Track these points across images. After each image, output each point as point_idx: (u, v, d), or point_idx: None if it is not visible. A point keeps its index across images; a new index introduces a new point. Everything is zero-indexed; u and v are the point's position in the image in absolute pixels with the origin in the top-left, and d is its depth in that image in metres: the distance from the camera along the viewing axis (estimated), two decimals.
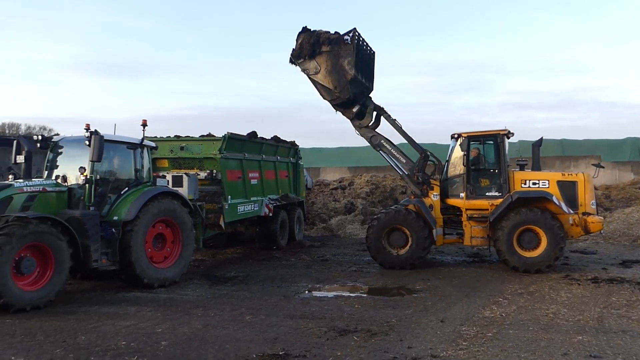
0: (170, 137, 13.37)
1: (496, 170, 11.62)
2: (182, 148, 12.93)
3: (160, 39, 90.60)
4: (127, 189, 9.81)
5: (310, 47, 11.79)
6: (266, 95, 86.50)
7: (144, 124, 10.30)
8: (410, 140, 12.55)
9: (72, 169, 9.34)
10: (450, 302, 8.63)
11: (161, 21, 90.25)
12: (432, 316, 7.73)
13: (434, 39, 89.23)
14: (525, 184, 11.48)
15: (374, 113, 12.73)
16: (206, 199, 12.13)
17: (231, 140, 12.74)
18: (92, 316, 7.73)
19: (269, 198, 14.45)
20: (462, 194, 11.70)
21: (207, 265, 12.56)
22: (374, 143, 12.57)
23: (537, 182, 11.46)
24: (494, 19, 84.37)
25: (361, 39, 12.16)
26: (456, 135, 11.94)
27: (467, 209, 11.66)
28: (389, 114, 12.67)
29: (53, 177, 9.45)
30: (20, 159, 9.71)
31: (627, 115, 65.58)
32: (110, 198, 9.58)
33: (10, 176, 9.52)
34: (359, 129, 12.59)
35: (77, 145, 9.52)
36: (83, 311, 8.04)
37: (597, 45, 77.41)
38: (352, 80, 11.74)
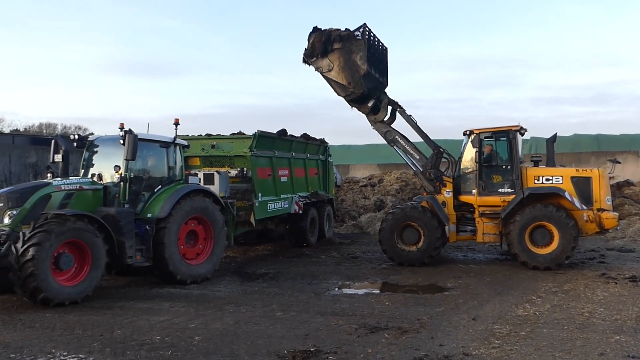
0: (201, 135, 13.56)
1: (508, 167, 11.50)
2: (213, 146, 13.09)
3: (190, 38, 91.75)
4: (160, 186, 9.99)
5: (322, 45, 11.91)
6: (295, 93, 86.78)
7: (176, 123, 10.46)
8: (424, 137, 12.51)
9: (107, 167, 9.56)
10: (482, 300, 8.53)
11: (191, 21, 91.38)
12: (464, 314, 7.66)
13: (463, 33, 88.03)
14: (538, 180, 11.31)
15: (389, 108, 12.73)
16: (237, 197, 12.25)
17: (261, 138, 12.83)
18: (128, 311, 7.91)
19: (299, 195, 14.51)
20: (474, 191, 11.62)
21: (238, 262, 12.70)
22: (388, 138, 12.57)
23: (550, 178, 11.28)
24: (524, 11, 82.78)
25: (372, 34, 12.18)
26: (468, 132, 11.85)
27: (480, 206, 11.59)
28: (404, 109, 12.66)
29: (89, 176, 9.70)
30: (58, 158, 9.96)
31: None
32: (144, 196, 9.77)
33: (48, 175, 9.79)
34: (374, 123, 12.61)
35: (112, 144, 9.74)
36: (119, 306, 8.24)
37: (633, 37, 75.19)
38: (365, 75, 11.78)
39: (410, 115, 12.55)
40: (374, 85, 12.38)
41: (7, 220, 8.40)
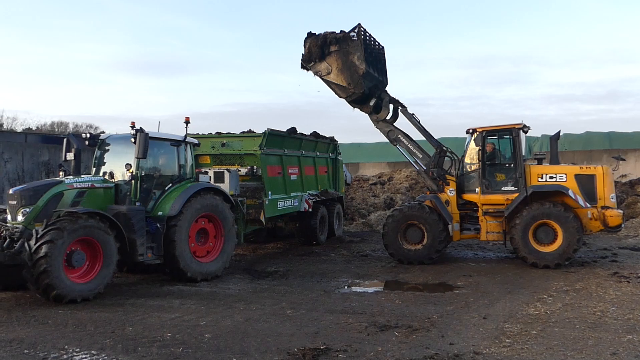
0: (211, 133, 13.62)
1: (512, 165, 11.46)
2: (223, 144, 13.16)
3: (201, 37, 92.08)
4: (171, 185, 10.05)
5: (319, 49, 11.96)
6: (305, 91, 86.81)
7: (187, 121, 10.51)
8: (427, 135, 12.48)
9: (118, 165, 9.64)
10: (493, 299, 8.50)
11: (202, 20, 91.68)
12: (474, 313, 7.64)
13: (474, 30, 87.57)
14: (541, 178, 11.27)
15: (391, 106, 12.71)
16: (247, 195, 12.29)
17: (271, 137, 12.86)
18: (139, 308, 7.97)
19: (309, 193, 14.53)
20: (477, 189, 11.59)
21: (248, 260, 12.74)
22: (391, 137, 12.57)
23: (554, 176, 11.24)
24: (536, 7, 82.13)
25: (367, 34, 12.19)
26: (471, 130, 11.81)
27: (483, 204, 11.57)
28: (406, 107, 12.64)
29: (101, 174, 9.77)
30: (70, 156, 10.06)
31: None
32: (155, 194, 9.83)
33: (60, 173, 9.87)
34: (377, 122, 12.61)
35: (123, 143, 9.82)
36: (130, 303, 8.30)
37: None
38: (364, 74, 11.80)
39: (413, 114, 12.55)
40: (374, 85, 12.41)
41: (20, 218, 8.50)
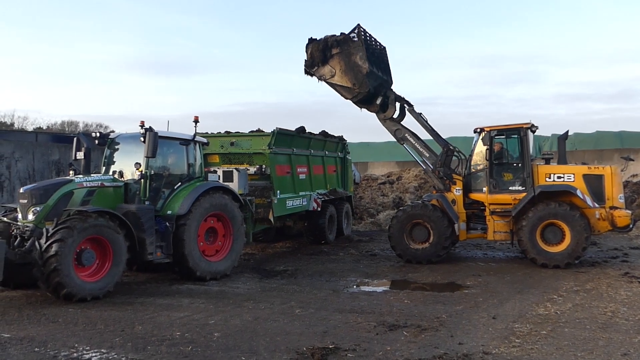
0: (220, 133, 13.65)
1: (519, 164, 11.39)
2: (232, 144, 13.18)
3: (211, 37, 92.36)
4: (180, 184, 10.08)
5: (321, 53, 12.02)
6: (314, 91, 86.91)
7: (196, 121, 10.54)
8: (434, 135, 12.44)
9: (128, 164, 9.67)
10: (502, 299, 8.45)
11: (212, 20, 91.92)
12: (484, 312, 7.60)
13: (483, 30, 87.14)
14: (549, 177, 11.21)
15: (397, 104, 12.68)
16: (256, 194, 12.31)
17: (280, 136, 12.87)
18: (148, 307, 8.01)
19: (317, 193, 14.53)
20: (485, 189, 11.54)
21: (256, 259, 12.76)
22: (398, 136, 12.55)
23: (562, 175, 11.17)
24: (546, 6, 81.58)
25: (367, 34, 12.20)
26: (479, 130, 11.75)
27: (490, 204, 11.52)
28: (412, 106, 12.60)
29: (110, 173, 9.82)
30: (80, 155, 10.11)
31: None
32: (164, 193, 9.86)
33: (70, 172, 9.94)
34: (384, 121, 12.60)
35: (132, 142, 9.87)
36: (140, 302, 8.34)
37: None
38: (368, 73, 11.81)
39: (420, 113, 12.51)
40: (379, 84, 12.42)
41: (30, 217, 8.56)
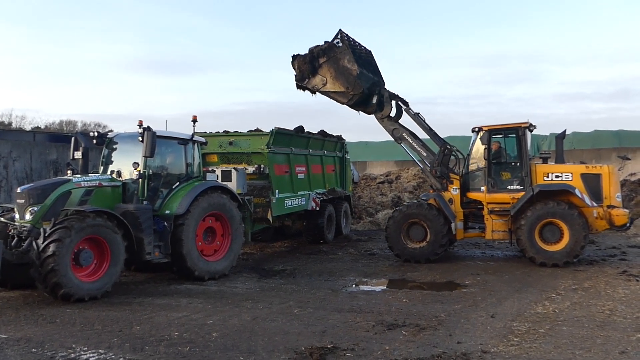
0: (219, 132, 13.63)
1: (518, 164, 11.43)
2: (230, 143, 13.16)
3: (210, 36, 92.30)
4: (178, 183, 10.06)
5: (309, 65, 12.18)
6: None
7: (194, 120, 10.53)
8: (431, 134, 12.45)
9: (126, 164, 9.65)
10: (501, 298, 8.45)
11: (211, 19, 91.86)
12: (482, 311, 7.60)
13: (485, 29, 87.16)
14: (547, 177, 11.26)
15: (393, 102, 12.70)
16: (254, 193, 12.30)
17: (278, 135, 12.85)
18: (146, 307, 7.99)
19: (316, 192, 14.52)
20: (483, 188, 11.56)
21: (255, 259, 12.75)
22: (395, 136, 12.57)
23: (560, 175, 11.22)
24: (546, 6, 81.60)
25: (351, 38, 12.28)
26: (477, 129, 11.78)
27: (489, 203, 11.54)
28: (409, 105, 12.63)
29: (108, 172, 9.80)
30: (78, 155, 10.09)
31: None
32: (163, 192, 9.84)
33: (68, 171, 9.92)
34: (382, 121, 12.63)
35: (130, 141, 9.85)
36: (138, 302, 8.32)
37: None
38: (359, 74, 11.90)
39: (417, 112, 12.54)
40: (371, 84, 12.47)
41: (28, 217, 8.54)
